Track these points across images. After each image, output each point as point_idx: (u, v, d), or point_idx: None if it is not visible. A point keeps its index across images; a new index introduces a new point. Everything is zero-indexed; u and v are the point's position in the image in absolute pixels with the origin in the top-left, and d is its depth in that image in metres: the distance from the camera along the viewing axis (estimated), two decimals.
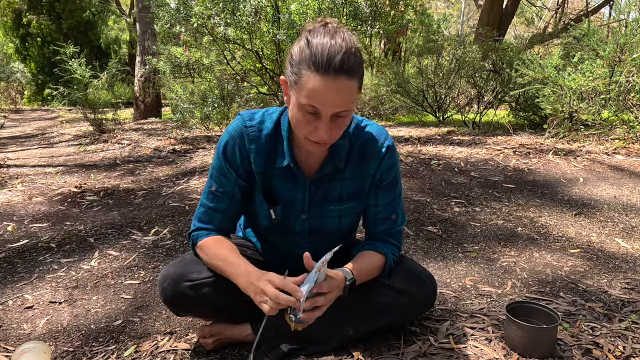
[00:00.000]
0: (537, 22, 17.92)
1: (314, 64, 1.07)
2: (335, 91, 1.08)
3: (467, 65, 6.58)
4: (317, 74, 1.07)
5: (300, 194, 1.35)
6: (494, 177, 3.52)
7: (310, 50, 1.08)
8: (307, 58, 1.08)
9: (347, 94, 1.10)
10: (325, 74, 1.06)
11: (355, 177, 1.36)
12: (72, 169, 4.48)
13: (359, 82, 1.12)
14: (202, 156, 4.68)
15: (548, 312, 1.46)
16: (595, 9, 10.88)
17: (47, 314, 1.75)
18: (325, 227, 1.40)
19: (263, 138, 1.30)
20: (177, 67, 7.49)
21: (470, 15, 25.65)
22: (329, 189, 1.35)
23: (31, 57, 17.42)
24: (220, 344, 1.46)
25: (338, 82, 1.07)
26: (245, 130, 1.30)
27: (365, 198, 1.40)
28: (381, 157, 1.34)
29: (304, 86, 1.09)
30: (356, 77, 1.11)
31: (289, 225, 1.39)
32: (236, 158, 1.30)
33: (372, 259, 1.37)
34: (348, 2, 5.37)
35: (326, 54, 1.06)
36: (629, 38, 4.46)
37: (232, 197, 1.34)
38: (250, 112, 1.34)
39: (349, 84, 1.09)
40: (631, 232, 2.47)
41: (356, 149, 1.34)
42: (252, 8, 5.24)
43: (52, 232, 2.61)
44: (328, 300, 1.18)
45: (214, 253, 1.30)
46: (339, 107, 1.11)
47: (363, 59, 1.14)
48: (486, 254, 2.22)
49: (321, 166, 1.32)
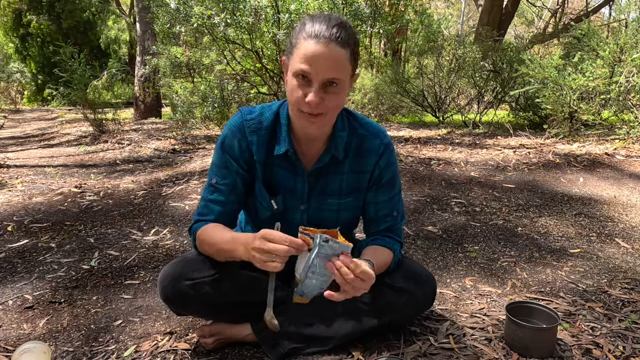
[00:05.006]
0: (537, 22, 17.92)
1: (308, 32, 1.15)
2: (326, 56, 1.14)
3: (467, 65, 6.59)
4: (310, 39, 1.14)
5: (299, 184, 1.37)
6: (494, 177, 3.52)
7: (306, 23, 1.17)
8: (304, 29, 1.16)
9: (338, 61, 1.15)
10: (317, 39, 1.14)
11: (355, 171, 1.38)
12: (72, 169, 4.48)
13: (351, 55, 1.18)
14: (202, 156, 4.67)
15: (548, 312, 1.46)
16: (595, 9, 10.88)
17: (47, 314, 1.75)
18: (323, 220, 1.41)
19: (264, 129, 1.33)
20: (177, 67, 7.50)
21: (470, 15, 25.65)
22: (328, 181, 1.37)
23: (31, 57, 17.43)
24: (220, 343, 1.46)
25: (330, 48, 1.13)
26: (245, 123, 1.32)
27: (364, 194, 1.42)
28: (380, 153, 1.37)
29: (298, 52, 1.16)
30: (348, 48, 1.16)
31: (288, 217, 1.39)
32: (235, 150, 1.33)
33: (383, 254, 1.37)
34: (348, 2, 5.37)
35: (320, 24, 1.15)
36: (629, 38, 4.47)
37: (232, 188, 1.35)
38: (249, 108, 1.37)
39: (341, 52, 1.15)
40: (631, 232, 2.47)
41: (355, 142, 1.36)
42: (252, 8, 5.24)
43: (52, 232, 2.61)
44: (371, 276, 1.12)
45: (210, 236, 1.30)
46: (329, 72, 1.15)
47: (358, 40, 1.21)
48: (486, 254, 2.22)
49: (320, 156, 1.34)
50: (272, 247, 1.08)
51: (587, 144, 4.45)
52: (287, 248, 1.07)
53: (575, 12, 11.90)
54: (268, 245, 1.08)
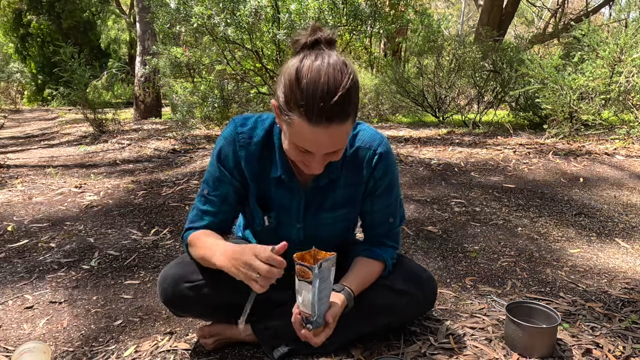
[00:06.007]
0: (537, 22, 17.92)
1: (305, 112, 1.02)
2: (328, 138, 1.06)
3: (467, 65, 6.59)
4: (308, 123, 1.02)
5: (295, 203, 1.34)
6: (494, 177, 3.52)
7: (300, 92, 1.02)
8: (298, 100, 1.02)
9: (341, 137, 1.08)
10: (317, 124, 1.02)
11: (349, 184, 1.34)
12: (72, 169, 4.48)
13: (353, 117, 1.09)
14: (202, 156, 4.67)
15: (548, 312, 1.46)
16: (595, 9, 10.89)
17: (47, 314, 1.75)
18: (318, 235, 1.39)
19: (253, 145, 1.28)
20: (177, 67, 7.50)
21: (470, 15, 25.66)
22: (325, 197, 1.35)
23: (31, 57, 17.44)
24: (220, 344, 1.46)
25: (331, 130, 1.04)
26: (236, 136, 1.28)
27: (360, 204, 1.39)
28: (373, 165, 1.31)
29: (295, 129, 1.06)
30: (350, 116, 1.06)
31: (283, 233, 1.38)
32: (230, 161, 1.29)
33: (370, 267, 1.38)
34: (348, 2, 5.37)
35: (318, 102, 1.00)
36: (629, 38, 4.47)
37: (224, 199, 1.32)
38: (242, 118, 1.31)
39: (342, 127, 1.06)
40: (631, 232, 2.47)
41: (350, 156, 1.31)
42: (252, 8, 5.24)
43: (52, 232, 2.61)
44: (334, 325, 1.25)
45: (196, 243, 1.29)
46: (333, 148, 1.10)
47: (358, 82, 1.08)
48: (486, 254, 2.22)
49: (316, 177, 1.30)
50: (265, 270, 1.06)
51: (587, 144, 4.45)
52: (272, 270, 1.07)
53: (575, 12, 11.91)
54: (260, 266, 1.07)
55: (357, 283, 1.34)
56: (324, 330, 1.23)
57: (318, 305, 1.17)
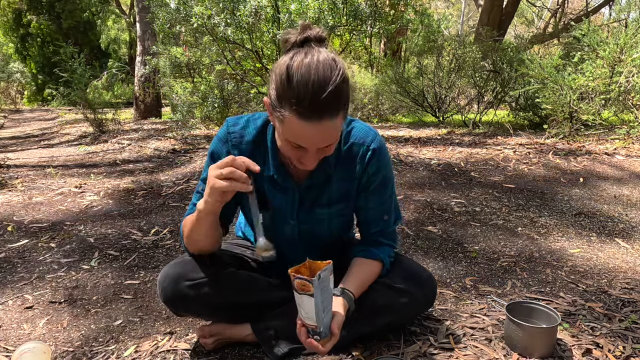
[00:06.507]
0: (537, 22, 17.92)
1: (297, 108, 1.03)
2: (320, 133, 1.07)
3: (467, 65, 6.59)
4: (299, 119, 1.04)
5: (289, 201, 1.35)
6: (494, 177, 3.52)
7: (291, 89, 1.03)
8: (289, 97, 1.03)
9: (332, 131, 1.09)
10: (308, 120, 1.04)
11: (343, 179, 1.35)
12: (72, 169, 4.48)
13: (344, 112, 1.10)
14: (202, 156, 4.67)
15: (548, 312, 1.46)
16: (595, 9, 10.89)
17: (47, 314, 1.75)
18: (315, 231, 1.40)
19: (244, 144, 1.30)
20: (177, 67, 7.50)
21: (470, 15, 25.67)
22: (319, 193, 1.35)
23: (31, 57, 17.44)
24: (220, 344, 1.46)
25: (322, 125, 1.05)
26: (228, 136, 1.30)
27: (355, 200, 1.39)
28: (366, 161, 1.32)
29: (287, 125, 1.07)
30: (341, 111, 1.08)
31: (278, 230, 1.38)
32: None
33: (368, 267, 1.38)
34: (348, 2, 5.37)
35: (308, 98, 1.01)
36: (629, 38, 4.47)
37: None
38: (235, 118, 1.33)
39: (334, 122, 1.07)
40: (631, 232, 2.47)
41: (344, 153, 1.32)
42: (252, 8, 5.24)
43: (52, 232, 2.61)
44: (339, 333, 1.24)
45: (187, 221, 1.31)
46: (325, 143, 1.11)
47: (348, 77, 1.09)
48: (486, 254, 2.22)
49: (311, 174, 1.31)
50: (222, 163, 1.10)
51: (587, 144, 4.45)
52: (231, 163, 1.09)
53: (575, 12, 11.91)
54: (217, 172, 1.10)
55: (357, 285, 1.34)
56: (330, 340, 1.22)
57: (323, 316, 1.17)
